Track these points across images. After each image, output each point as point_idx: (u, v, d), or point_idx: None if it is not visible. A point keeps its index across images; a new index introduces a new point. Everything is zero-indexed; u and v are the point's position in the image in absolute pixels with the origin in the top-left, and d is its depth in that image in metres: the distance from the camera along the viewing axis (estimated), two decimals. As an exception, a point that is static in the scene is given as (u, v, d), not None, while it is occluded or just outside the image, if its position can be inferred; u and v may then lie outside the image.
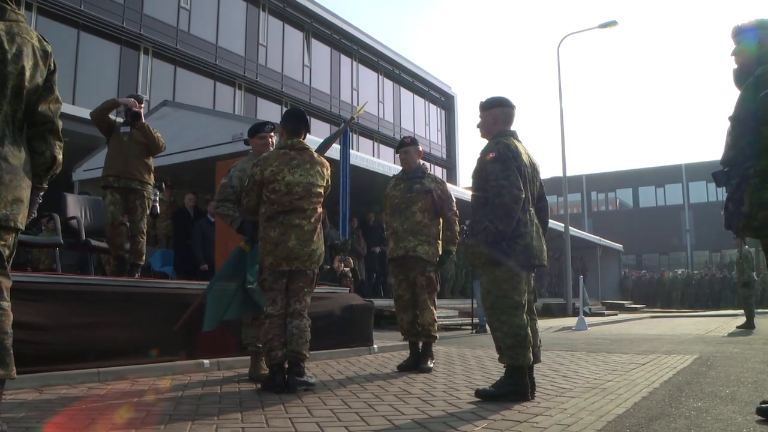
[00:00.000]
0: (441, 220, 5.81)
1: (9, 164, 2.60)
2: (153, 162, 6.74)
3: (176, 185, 11.73)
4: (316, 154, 4.69)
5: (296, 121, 4.68)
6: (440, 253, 5.79)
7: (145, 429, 3.05)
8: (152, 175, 6.65)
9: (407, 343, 5.98)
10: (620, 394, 4.18)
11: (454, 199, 5.91)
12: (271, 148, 5.02)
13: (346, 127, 6.38)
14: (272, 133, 5.29)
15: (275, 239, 4.39)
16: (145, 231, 6.57)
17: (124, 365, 4.75)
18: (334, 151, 9.58)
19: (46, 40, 2.85)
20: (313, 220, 4.51)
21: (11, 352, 2.60)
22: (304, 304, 4.47)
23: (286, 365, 4.35)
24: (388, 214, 5.94)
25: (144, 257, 6.65)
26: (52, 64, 2.85)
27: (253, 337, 4.89)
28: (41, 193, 2.89)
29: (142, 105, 6.64)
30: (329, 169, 4.71)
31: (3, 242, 2.63)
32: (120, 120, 6.71)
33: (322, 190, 4.59)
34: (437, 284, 5.79)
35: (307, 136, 4.85)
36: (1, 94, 2.60)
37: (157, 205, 7.00)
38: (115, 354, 4.75)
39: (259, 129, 5.24)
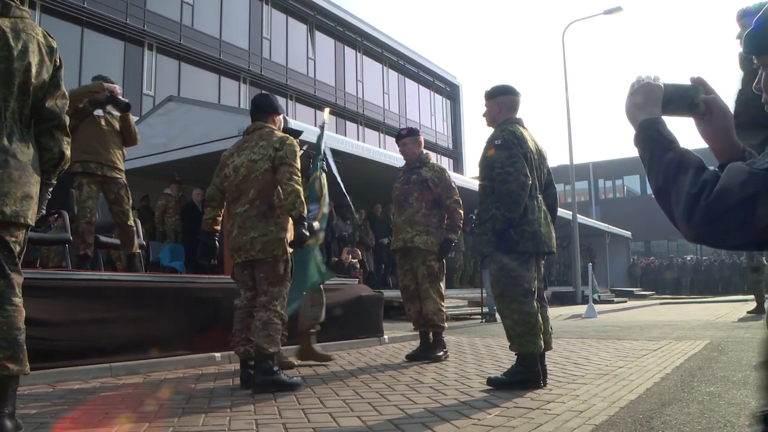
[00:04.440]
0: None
1: (18, 161, 2.60)
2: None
3: (183, 180, 11.75)
4: (269, 130, 4.35)
5: (251, 109, 4.55)
6: (439, 242, 5.68)
7: (159, 422, 3.06)
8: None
9: (418, 333, 5.98)
10: (632, 380, 4.18)
11: (455, 187, 5.83)
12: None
13: (323, 133, 6.09)
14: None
15: (228, 231, 4.31)
16: (132, 219, 6.19)
17: (136, 360, 4.77)
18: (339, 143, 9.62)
19: (51, 36, 2.84)
20: (258, 203, 4.16)
21: (24, 347, 2.61)
22: (269, 296, 4.12)
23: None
24: (393, 206, 5.96)
25: (138, 246, 6.31)
26: (58, 60, 2.84)
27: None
28: (50, 189, 2.89)
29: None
30: (289, 140, 4.25)
31: (14, 239, 2.64)
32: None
33: (266, 165, 4.16)
34: (440, 273, 5.71)
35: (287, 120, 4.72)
36: (8, 91, 2.61)
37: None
38: (127, 349, 4.78)
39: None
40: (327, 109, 6.57)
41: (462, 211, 5.82)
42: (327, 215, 5.53)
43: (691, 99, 1.47)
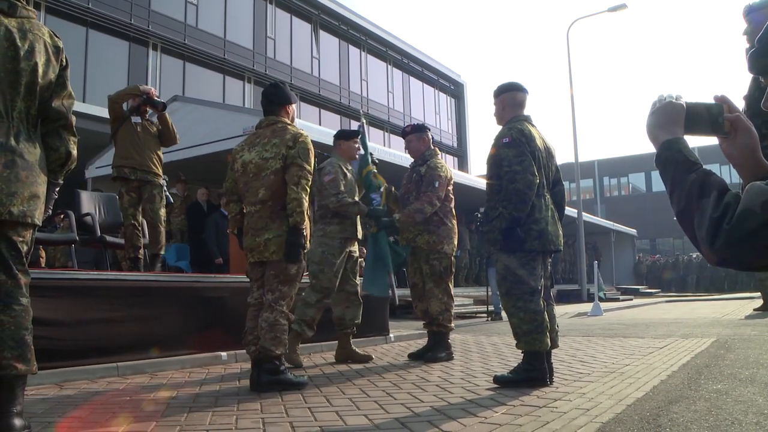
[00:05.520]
0: (451, 207, 5.74)
1: (25, 161, 2.61)
2: (165, 157, 6.66)
3: (189, 180, 11.76)
4: (282, 125, 4.23)
5: (263, 102, 4.40)
6: (443, 241, 5.59)
7: (166, 421, 3.07)
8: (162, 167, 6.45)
9: (424, 331, 5.97)
10: (638, 378, 4.17)
11: (438, 185, 5.54)
12: (356, 155, 5.59)
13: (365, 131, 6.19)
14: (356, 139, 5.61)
15: (245, 229, 4.24)
16: (164, 220, 6.40)
17: (142, 359, 4.78)
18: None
19: (57, 36, 2.85)
20: (270, 204, 4.08)
21: (32, 347, 2.62)
22: (277, 294, 4.04)
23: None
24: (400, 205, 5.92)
25: (163, 247, 6.51)
26: (64, 60, 2.85)
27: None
28: (57, 189, 2.90)
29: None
30: (302, 138, 4.14)
31: (21, 238, 2.64)
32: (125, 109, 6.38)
33: (278, 164, 4.07)
34: (446, 272, 5.61)
35: (300, 121, 4.77)
36: (15, 91, 2.61)
37: (169, 195, 6.79)
38: (133, 348, 4.79)
39: (349, 136, 5.61)
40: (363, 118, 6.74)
41: (430, 208, 5.50)
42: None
43: (715, 118, 1.42)
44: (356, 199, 5.43)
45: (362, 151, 5.75)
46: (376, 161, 5.90)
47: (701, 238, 1.22)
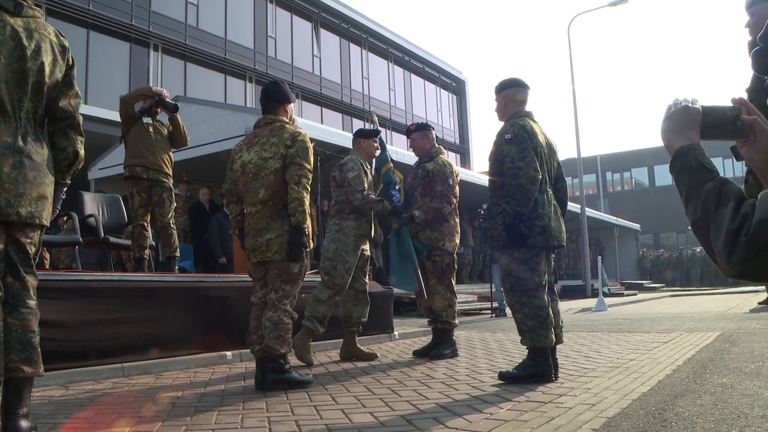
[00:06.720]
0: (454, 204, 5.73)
1: (33, 161, 2.61)
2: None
3: (191, 180, 11.77)
4: (280, 125, 4.23)
5: (262, 99, 4.39)
6: (445, 238, 5.60)
7: (172, 421, 3.07)
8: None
9: (429, 329, 5.97)
10: (644, 373, 4.17)
11: (451, 183, 5.63)
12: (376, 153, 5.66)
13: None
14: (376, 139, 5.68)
15: (245, 230, 4.23)
16: (173, 223, 6.43)
17: (147, 360, 4.79)
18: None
19: (62, 35, 2.85)
20: (271, 204, 4.08)
21: (39, 350, 2.62)
22: (280, 293, 4.04)
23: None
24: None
25: (177, 248, 6.52)
26: (71, 59, 2.85)
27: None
28: (64, 189, 2.90)
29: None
30: (301, 136, 4.12)
31: (29, 240, 2.65)
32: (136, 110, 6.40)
33: (277, 164, 4.06)
34: (448, 269, 5.61)
35: (299, 120, 4.78)
36: (22, 90, 2.61)
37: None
38: (139, 349, 4.79)
39: (370, 135, 5.65)
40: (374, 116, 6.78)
41: (449, 207, 5.59)
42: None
43: (733, 121, 1.36)
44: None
45: (379, 150, 5.79)
46: (392, 158, 5.96)
47: (718, 250, 1.17)
